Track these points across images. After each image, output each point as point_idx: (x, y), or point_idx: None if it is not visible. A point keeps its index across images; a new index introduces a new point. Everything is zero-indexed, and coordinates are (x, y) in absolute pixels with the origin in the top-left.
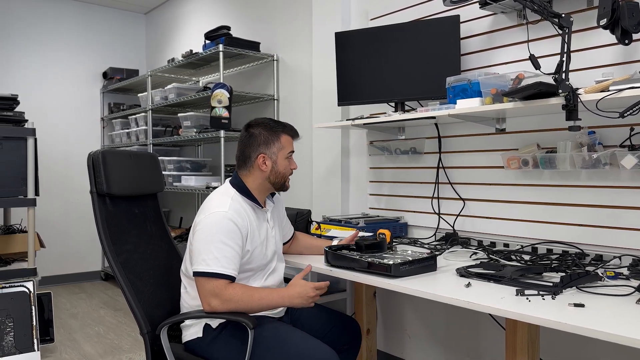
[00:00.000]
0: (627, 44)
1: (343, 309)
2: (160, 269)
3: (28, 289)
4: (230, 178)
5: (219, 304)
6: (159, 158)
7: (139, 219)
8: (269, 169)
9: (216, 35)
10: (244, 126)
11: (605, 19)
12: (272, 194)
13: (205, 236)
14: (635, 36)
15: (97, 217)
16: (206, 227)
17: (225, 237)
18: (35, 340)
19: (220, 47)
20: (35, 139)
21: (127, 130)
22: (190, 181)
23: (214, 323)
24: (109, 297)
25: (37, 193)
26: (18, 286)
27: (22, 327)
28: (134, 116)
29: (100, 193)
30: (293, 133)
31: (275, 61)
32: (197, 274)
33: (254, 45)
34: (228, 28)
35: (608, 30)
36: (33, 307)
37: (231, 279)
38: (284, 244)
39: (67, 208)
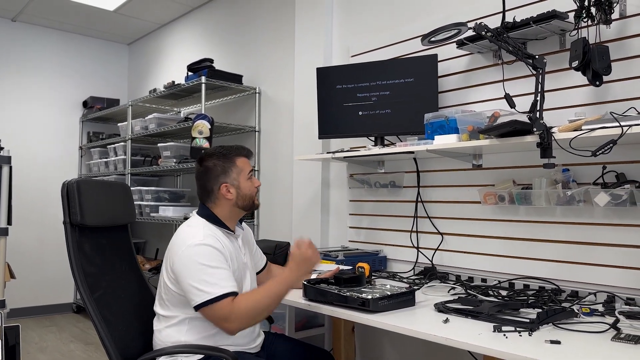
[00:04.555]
0: (597, 86)
1: (321, 344)
2: (134, 303)
3: None
4: (196, 210)
5: (234, 325)
6: (137, 188)
7: (112, 250)
8: (234, 196)
9: (199, 68)
10: (197, 161)
11: (577, 61)
12: (241, 221)
13: (190, 271)
14: (605, 78)
15: (70, 248)
16: (186, 261)
17: (210, 261)
18: None
19: (203, 79)
20: (11, 167)
21: (105, 160)
22: (168, 212)
23: (191, 359)
24: (80, 331)
25: (9, 222)
26: None
27: None
28: (112, 145)
29: (74, 223)
30: (246, 153)
31: (257, 94)
32: (198, 308)
33: (237, 78)
34: (211, 60)
35: (580, 72)
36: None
37: (233, 294)
38: (257, 273)
39: (41, 238)
